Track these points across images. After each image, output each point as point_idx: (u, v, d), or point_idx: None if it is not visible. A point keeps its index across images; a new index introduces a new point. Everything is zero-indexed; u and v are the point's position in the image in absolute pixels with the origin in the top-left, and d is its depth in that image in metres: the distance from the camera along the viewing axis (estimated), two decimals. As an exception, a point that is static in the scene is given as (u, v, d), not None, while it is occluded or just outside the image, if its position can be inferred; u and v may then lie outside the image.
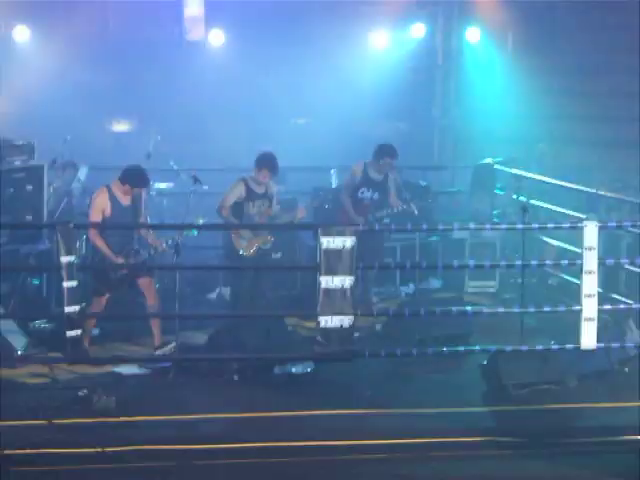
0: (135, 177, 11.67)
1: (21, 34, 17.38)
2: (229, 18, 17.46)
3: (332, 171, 15.24)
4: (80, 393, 10.07)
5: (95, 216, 11.50)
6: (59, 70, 16.66)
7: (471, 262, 12.63)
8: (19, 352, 11.09)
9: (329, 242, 9.97)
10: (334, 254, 9.96)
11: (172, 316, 11.62)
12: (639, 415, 9.56)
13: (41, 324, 11.99)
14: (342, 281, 9.96)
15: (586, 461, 8.78)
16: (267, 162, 12.37)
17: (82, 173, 13.90)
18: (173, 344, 11.37)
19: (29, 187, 12.84)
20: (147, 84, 16.94)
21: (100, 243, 11.35)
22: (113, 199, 11.57)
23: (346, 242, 9.90)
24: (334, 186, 14.80)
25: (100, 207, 11.51)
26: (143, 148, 14.33)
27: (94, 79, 16.71)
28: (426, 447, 9.11)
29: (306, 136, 16.92)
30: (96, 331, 11.87)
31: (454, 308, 11.10)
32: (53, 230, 10.82)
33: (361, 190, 13.17)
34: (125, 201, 11.64)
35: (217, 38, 17.95)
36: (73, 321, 10.31)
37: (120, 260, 11.41)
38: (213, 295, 13.63)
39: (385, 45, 18.26)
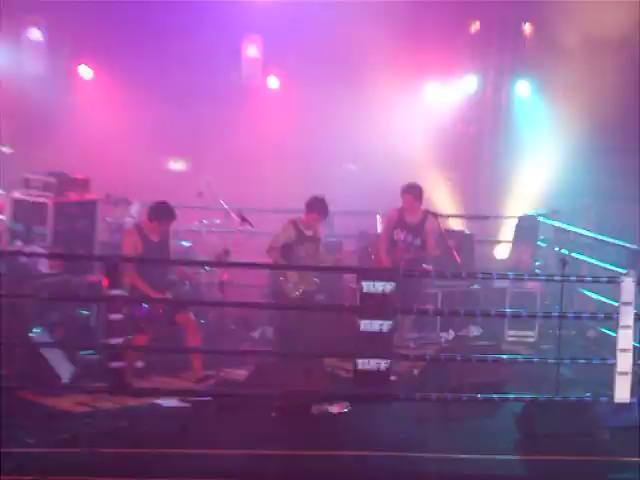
0: (162, 211, 11.78)
1: (85, 73, 17.66)
2: (286, 64, 17.59)
3: (377, 216, 15.27)
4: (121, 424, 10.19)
5: (129, 254, 11.61)
6: (118, 108, 16.85)
7: (508, 311, 12.61)
8: (65, 381, 11.15)
9: (369, 286, 10.00)
10: (373, 298, 9.98)
11: (214, 351, 11.69)
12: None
13: (87, 354, 12.07)
14: (380, 325, 9.98)
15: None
16: (317, 206, 12.46)
17: (134, 209, 14.02)
18: (213, 379, 11.44)
19: (83, 220, 12.99)
20: (203, 125, 17.08)
21: (136, 280, 11.43)
22: (143, 237, 11.66)
23: (385, 287, 9.93)
24: (379, 230, 14.83)
25: (131, 245, 11.61)
26: (195, 187, 14.48)
27: (152, 118, 16.85)
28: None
29: (356, 181, 16.95)
30: (140, 363, 11.96)
31: (490, 356, 11.09)
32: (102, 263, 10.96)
33: (395, 232, 13.18)
34: (155, 238, 11.73)
35: (273, 83, 18.13)
36: (117, 353, 10.42)
37: (157, 295, 11.49)
38: (256, 333, 13.66)
39: (437, 95, 18.31)
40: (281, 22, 16.75)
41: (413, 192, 13.13)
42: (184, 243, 13.98)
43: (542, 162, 16.98)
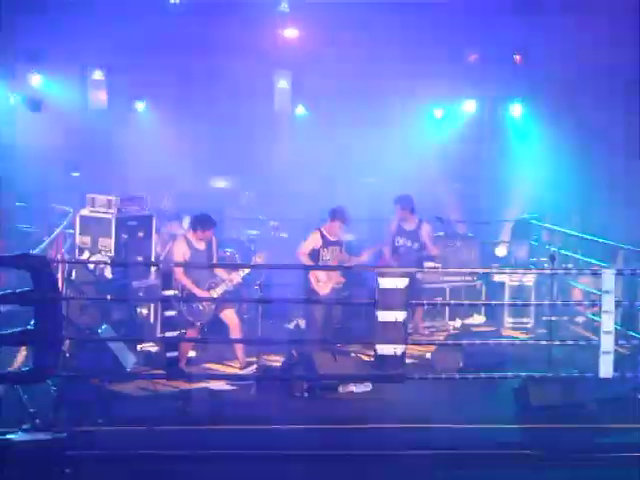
0: (202, 221, 11.89)
1: (140, 107, 17.81)
2: (312, 93, 17.63)
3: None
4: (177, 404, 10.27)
5: (178, 260, 11.71)
6: (169, 136, 16.96)
7: (507, 301, 12.64)
8: (128, 369, 11.26)
9: (385, 282, 10.04)
10: (389, 292, 10.01)
11: (254, 341, 11.76)
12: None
13: (147, 347, 12.16)
14: (396, 315, 10.00)
15: (601, 473, 8.71)
16: (339, 214, 12.53)
17: (185, 222, 14.09)
18: (255, 365, 11.50)
19: (140, 233, 13.05)
20: (243, 149, 17.13)
21: (186, 281, 11.54)
22: (190, 245, 11.78)
23: (399, 283, 9.96)
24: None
25: (180, 253, 11.72)
26: (237, 202, 14.57)
27: (199, 144, 16.94)
28: (464, 457, 9.12)
29: (373, 193, 16.94)
30: (192, 353, 12.04)
31: (492, 340, 11.12)
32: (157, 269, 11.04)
33: (396, 239, 13.33)
34: (200, 246, 11.83)
35: (301, 110, 18.20)
36: (172, 344, 10.49)
37: (204, 293, 11.58)
38: (291, 325, 13.71)
39: (442, 117, 18.33)
40: (307, 57, 16.81)
41: (401, 203, 13.25)
42: (227, 250, 14.04)
43: (533, 172, 16.94)
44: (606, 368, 10.01)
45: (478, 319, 14.29)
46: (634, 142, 15.36)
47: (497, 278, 14.26)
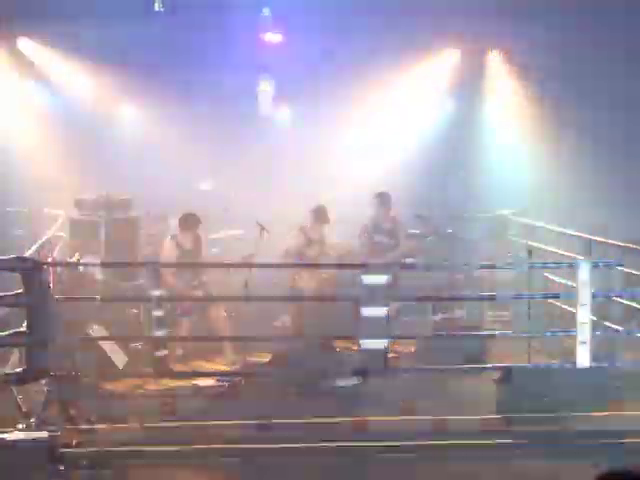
0: (187, 220, 12.05)
1: (125, 110, 17.88)
2: (293, 96, 17.70)
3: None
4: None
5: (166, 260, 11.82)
6: (155, 139, 17.00)
7: (486, 295, 12.79)
8: (119, 368, 11.34)
9: (367, 279, 10.17)
10: (371, 288, 10.15)
11: (241, 338, 11.87)
12: (624, 421, 9.68)
13: (137, 345, 12.24)
14: (378, 310, 10.14)
15: (581, 458, 8.82)
16: (320, 213, 12.66)
17: (172, 223, 14.17)
18: (242, 363, 11.61)
19: (128, 234, 13.14)
20: (227, 150, 17.17)
21: (173, 281, 11.65)
22: (178, 245, 11.91)
23: (380, 279, 10.10)
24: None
25: (168, 253, 11.84)
26: (222, 203, 14.65)
27: (183, 146, 16.98)
28: (447, 446, 9.28)
29: (357, 191, 16.99)
30: (180, 351, 12.13)
31: (473, 333, 11.27)
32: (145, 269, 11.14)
33: (375, 236, 13.37)
34: (187, 245, 11.96)
35: (283, 112, 18.26)
36: (160, 343, 10.60)
37: (189, 291, 11.70)
38: (277, 323, 13.81)
39: (422, 116, 18.45)
40: (289, 60, 16.88)
41: (379, 199, 13.30)
42: (213, 250, 14.13)
43: (510, 168, 17.11)
44: (583, 358, 10.20)
45: (459, 314, 14.39)
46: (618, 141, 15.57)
47: (477, 273, 14.37)
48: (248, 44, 16.73)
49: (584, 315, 10.22)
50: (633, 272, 11.91)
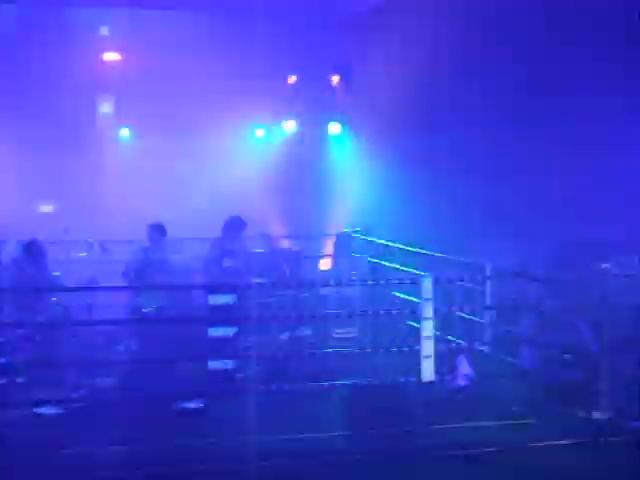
0: (31, 247, 11.72)
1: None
2: (135, 117, 17.46)
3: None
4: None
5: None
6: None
7: (332, 312, 12.79)
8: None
9: (214, 299, 10.01)
10: (218, 309, 9.99)
11: (85, 364, 11.50)
12: (465, 433, 9.80)
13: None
14: (225, 331, 9.98)
15: (425, 472, 8.86)
16: (159, 231, 12.45)
17: (10, 246, 13.65)
18: (85, 388, 11.25)
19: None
20: (67, 172, 16.74)
21: (12, 307, 11.23)
22: (20, 270, 11.54)
23: (228, 299, 9.95)
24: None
25: (8, 279, 11.45)
26: (62, 225, 14.22)
27: (22, 168, 16.46)
28: (291, 468, 9.12)
29: (199, 211, 16.83)
30: (21, 379, 11.63)
31: (319, 350, 11.21)
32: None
33: (224, 260, 13.18)
34: (30, 270, 11.58)
35: (126, 133, 17.99)
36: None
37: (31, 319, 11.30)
38: (121, 347, 13.43)
39: (264, 136, 18.47)
40: (129, 81, 16.63)
41: (229, 224, 13.11)
42: (55, 273, 13.66)
43: (354, 187, 17.27)
44: (427, 372, 10.25)
45: (305, 332, 14.35)
46: (456, 161, 15.82)
47: (322, 291, 14.37)
48: (87, 64, 16.40)
49: (428, 329, 10.28)
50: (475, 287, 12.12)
